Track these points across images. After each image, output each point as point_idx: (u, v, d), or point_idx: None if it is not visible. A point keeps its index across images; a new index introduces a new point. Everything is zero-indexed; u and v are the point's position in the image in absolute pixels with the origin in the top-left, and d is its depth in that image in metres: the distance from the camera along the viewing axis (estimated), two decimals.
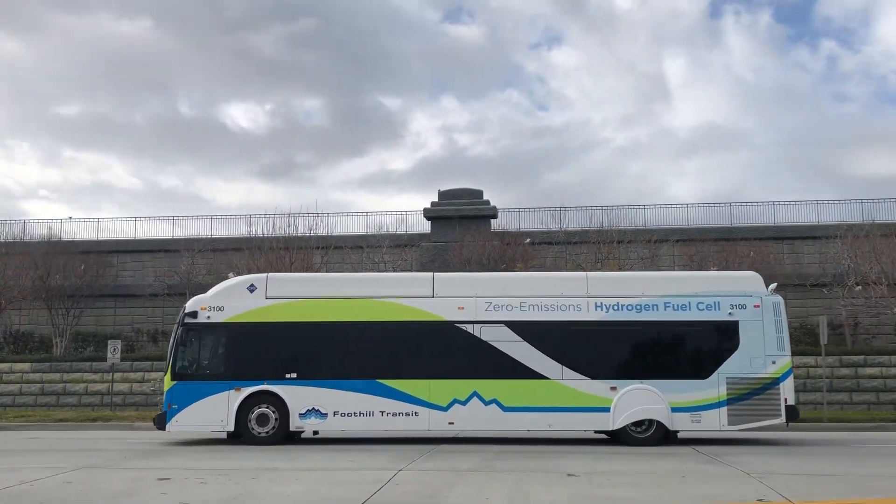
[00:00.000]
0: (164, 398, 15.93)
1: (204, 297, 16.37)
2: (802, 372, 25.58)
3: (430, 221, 34.33)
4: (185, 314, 15.92)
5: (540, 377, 15.36)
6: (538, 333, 15.49)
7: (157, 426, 15.90)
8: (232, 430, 15.49)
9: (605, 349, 15.63)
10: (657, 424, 15.21)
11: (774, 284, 16.32)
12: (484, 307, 15.69)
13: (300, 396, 15.49)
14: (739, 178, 72.55)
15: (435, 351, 15.70)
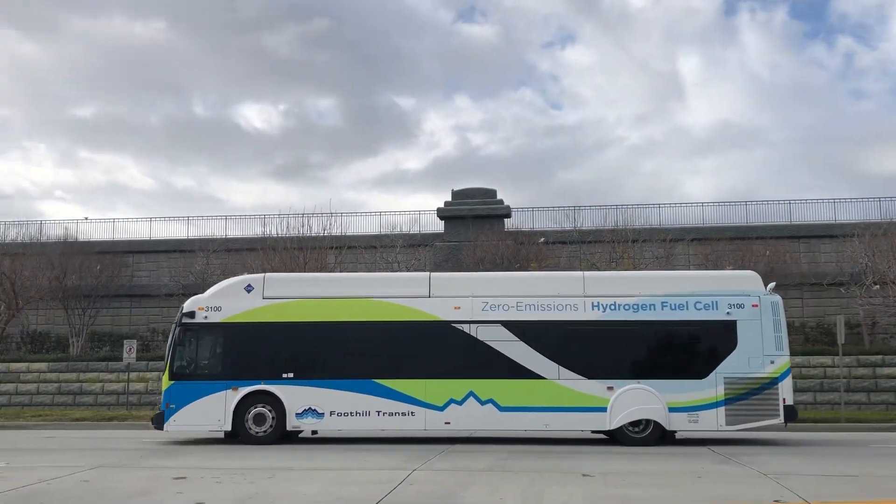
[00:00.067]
0: (161, 398, 16.03)
1: (202, 297, 16.46)
2: (819, 372, 25.39)
3: (443, 221, 34.32)
4: (182, 314, 16.03)
5: (536, 377, 15.32)
6: (535, 333, 15.46)
7: (154, 426, 15.99)
8: (229, 429, 15.55)
9: (601, 349, 15.57)
10: (654, 424, 15.14)
11: (773, 284, 16.20)
12: (480, 307, 15.67)
13: (297, 396, 15.53)
14: (755, 176, 72.22)
15: (431, 351, 15.67)
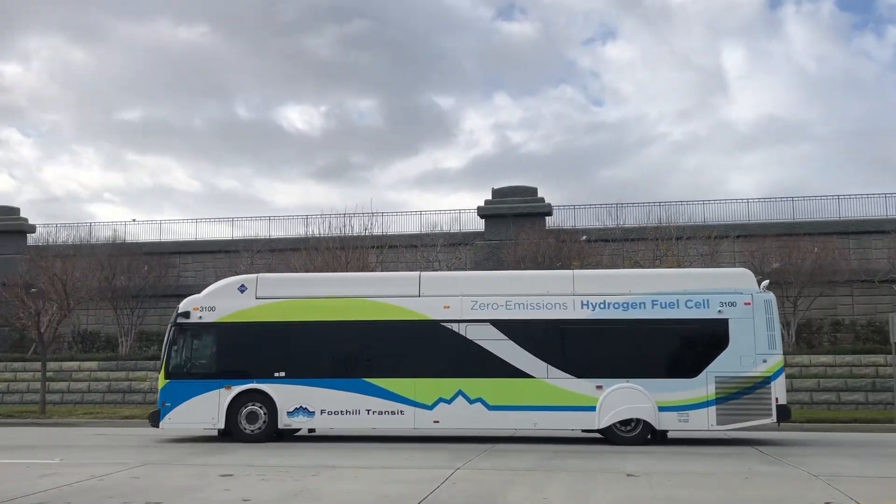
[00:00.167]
0: (158, 396, 16.29)
1: (197, 297, 16.70)
2: (871, 371, 24.81)
3: (483, 220, 34.26)
4: (178, 314, 16.28)
5: (525, 376, 15.28)
6: (523, 332, 15.41)
7: (151, 424, 16.25)
8: (223, 427, 15.76)
9: (591, 348, 15.50)
10: (644, 424, 15.01)
11: (767, 281, 15.97)
12: (469, 306, 15.65)
13: (288, 395, 15.69)
14: (801, 171, 70.81)
15: (421, 350, 15.72)
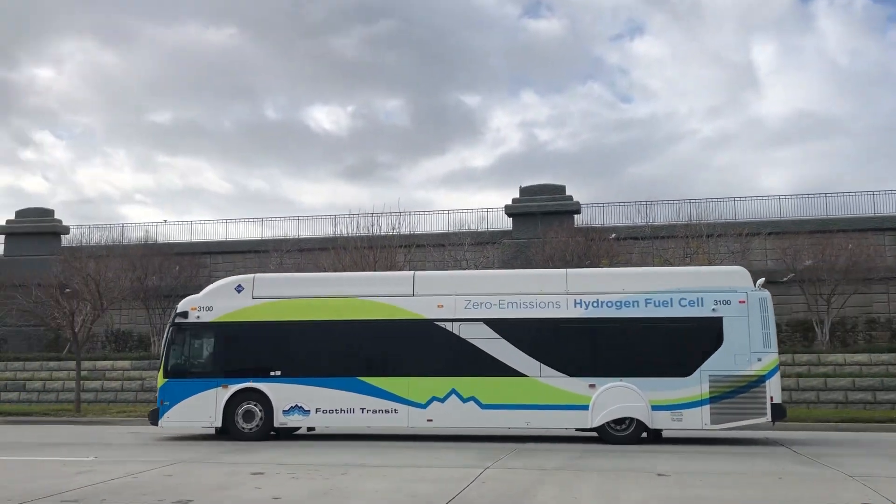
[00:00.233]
0: (157, 395, 16.49)
1: (195, 297, 16.86)
2: None
3: (511, 218, 34.18)
4: (176, 314, 16.44)
5: (518, 374, 15.28)
6: (517, 331, 15.42)
7: (150, 422, 16.53)
8: (220, 425, 15.93)
9: (583, 346, 15.49)
10: (637, 423, 14.93)
11: (762, 279, 15.74)
12: (463, 305, 15.69)
13: (284, 394, 15.82)
14: (834, 167, 69.76)
15: (414, 349, 15.78)
